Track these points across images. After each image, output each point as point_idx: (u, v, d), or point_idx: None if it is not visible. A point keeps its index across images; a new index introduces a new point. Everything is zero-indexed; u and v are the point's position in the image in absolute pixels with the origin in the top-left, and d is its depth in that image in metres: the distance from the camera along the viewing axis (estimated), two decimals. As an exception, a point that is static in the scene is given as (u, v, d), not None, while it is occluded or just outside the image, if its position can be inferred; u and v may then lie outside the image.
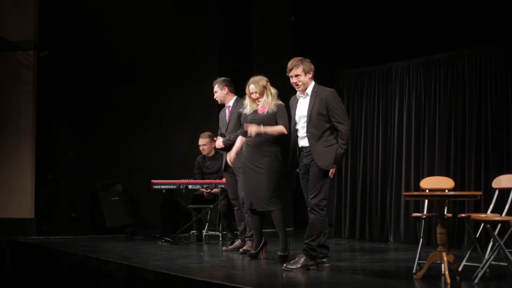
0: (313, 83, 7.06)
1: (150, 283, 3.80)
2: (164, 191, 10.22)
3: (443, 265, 6.12)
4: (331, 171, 6.84)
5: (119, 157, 11.87)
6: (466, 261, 6.60)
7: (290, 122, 7.37)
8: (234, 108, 8.69)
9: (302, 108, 7.02)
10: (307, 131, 6.91)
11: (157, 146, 12.10)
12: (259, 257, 7.78)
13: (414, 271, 6.60)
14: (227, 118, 8.78)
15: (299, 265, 6.67)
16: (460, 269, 6.38)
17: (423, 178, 8.12)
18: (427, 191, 7.10)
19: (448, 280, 5.95)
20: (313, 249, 6.78)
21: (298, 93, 7.07)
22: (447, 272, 6.01)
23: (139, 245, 9.57)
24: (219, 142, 8.73)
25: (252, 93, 7.78)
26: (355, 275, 6.76)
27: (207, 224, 10.53)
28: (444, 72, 9.60)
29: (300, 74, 6.97)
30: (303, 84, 6.98)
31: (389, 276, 6.70)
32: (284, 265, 6.75)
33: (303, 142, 6.97)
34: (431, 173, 9.21)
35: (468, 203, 8.89)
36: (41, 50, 11.19)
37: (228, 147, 8.53)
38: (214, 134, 10.05)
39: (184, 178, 10.29)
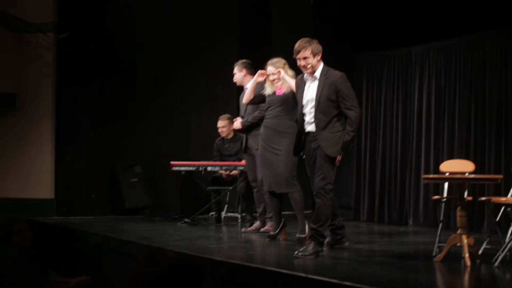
0: (321, 65, 6.76)
1: (171, 263, 3.80)
2: (183, 172, 10.26)
3: (463, 247, 6.11)
4: (338, 159, 6.63)
5: (139, 138, 11.90)
6: (486, 245, 6.59)
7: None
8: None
9: (310, 92, 6.75)
10: (315, 117, 6.67)
11: (176, 128, 12.11)
12: (278, 239, 7.76)
13: (433, 253, 6.58)
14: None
15: (308, 252, 6.40)
16: (480, 252, 6.37)
17: (442, 161, 8.10)
18: (447, 174, 7.08)
19: (468, 263, 5.95)
20: (321, 234, 6.60)
21: (305, 74, 6.80)
22: (467, 255, 6.00)
23: (158, 226, 9.61)
24: (237, 123, 8.73)
25: (270, 75, 7.75)
26: (374, 257, 6.77)
27: (226, 205, 10.56)
28: (464, 56, 9.56)
29: (309, 57, 6.67)
30: (312, 66, 6.69)
31: (408, 258, 6.71)
32: (296, 252, 6.46)
33: (310, 127, 6.73)
34: (450, 157, 9.18)
35: (488, 186, 8.86)
36: (61, 32, 11.21)
37: (246, 128, 8.53)
38: (233, 116, 10.07)
39: (203, 160, 10.32)
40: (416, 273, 5.86)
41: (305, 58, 6.67)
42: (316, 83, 6.70)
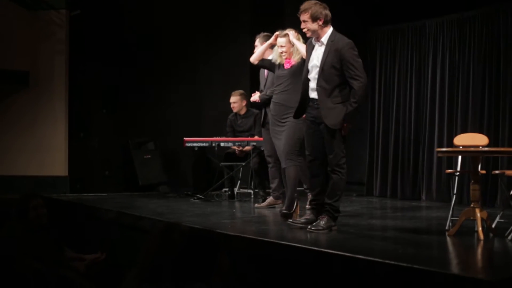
0: (330, 30, 6.46)
1: (185, 237, 3.82)
2: (196, 148, 10.25)
3: (476, 221, 6.10)
4: (344, 130, 6.37)
5: (152, 115, 11.92)
6: (500, 218, 6.57)
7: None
8: None
9: (316, 57, 6.49)
10: (317, 84, 6.44)
11: (189, 104, 12.12)
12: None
13: (446, 227, 6.57)
14: (265, 73, 8.68)
15: (321, 227, 6.34)
16: (493, 226, 6.35)
17: (456, 135, 8.07)
18: (460, 147, 7.05)
19: (481, 237, 5.93)
20: (337, 209, 6.47)
21: (313, 39, 6.54)
22: (480, 229, 5.99)
23: (172, 202, 9.62)
24: (255, 96, 8.64)
25: (279, 46, 7.65)
26: (386, 232, 6.76)
27: (239, 181, 10.56)
28: (478, 29, 9.49)
29: (307, 21, 6.42)
30: (310, 31, 6.44)
31: (421, 232, 6.69)
32: (309, 227, 6.39)
33: (314, 94, 6.48)
34: (464, 130, 9.15)
35: (502, 160, 8.83)
36: (73, 9, 11.21)
37: (264, 102, 8.45)
38: (246, 92, 10.06)
39: (216, 136, 10.32)
40: (429, 247, 5.85)
41: (304, 21, 6.46)
42: (322, 48, 6.45)
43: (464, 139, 7.28)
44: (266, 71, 8.60)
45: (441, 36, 9.98)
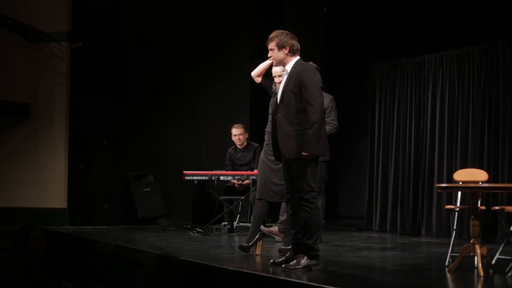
0: (295, 59, 6.30)
1: (183, 272, 3.80)
2: (196, 182, 10.25)
3: (476, 257, 6.08)
4: (306, 158, 5.99)
5: (151, 148, 11.94)
6: (500, 255, 6.55)
7: None
8: None
9: (281, 86, 6.37)
10: (278, 111, 6.24)
11: (189, 137, 12.14)
12: (252, 252, 7.25)
13: (446, 263, 6.56)
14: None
15: (300, 266, 6.05)
16: (493, 262, 6.33)
17: (456, 170, 8.07)
18: (460, 183, 7.05)
19: (481, 273, 5.91)
20: (311, 247, 6.11)
21: (282, 71, 6.42)
22: (480, 265, 5.97)
23: (171, 235, 9.61)
24: None
25: (275, 76, 7.37)
26: (386, 267, 6.74)
27: (238, 215, 10.55)
28: (478, 64, 9.53)
29: (273, 49, 6.30)
30: (276, 60, 6.35)
31: (421, 268, 6.67)
32: (283, 265, 6.14)
33: None
34: (464, 166, 9.14)
35: (502, 196, 8.82)
36: (75, 42, 11.26)
37: None
38: (248, 126, 10.11)
39: (215, 170, 10.32)
40: (429, 282, 5.84)
41: (271, 49, 6.34)
42: (286, 77, 6.32)
43: (463, 175, 7.28)
44: None
45: (441, 72, 10.03)
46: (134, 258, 7.50)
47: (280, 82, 7.11)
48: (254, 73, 7.59)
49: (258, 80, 7.58)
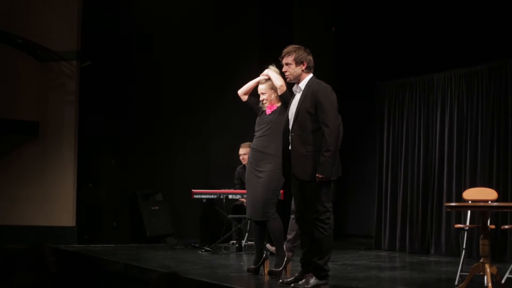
0: (309, 76, 6.24)
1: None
2: (204, 200, 10.26)
3: (485, 277, 6.05)
4: (318, 178, 5.93)
5: (160, 166, 11.95)
6: (509, 274, 6.53)
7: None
8: None
9: (293, 104, 6.24)
10: (292, 130, 6.16)
11: (197, 156, 12.15)
12: (261, 273, 7.17)
13: (456, 282, 6.53)
14: None
15: (309, 285, 6.04)
16: (503, 281, 6.31)
17: (465, 189, 8.04)
18: (469, 202, 7.03)
19: (491, 292, 5.89)
20: (321, 268, 6.08)
21: (294, 86, 6.32)
22: (490, 284, 5.94)
23: (179, 254, 9.60)
24: None
25: (260, 94, 7.23)
26: (395, 286, 6.71)
27: (246, 234, 10.52)
28: (486, 83, 9.52)
29: (291, 63, 6.22)
30: (291, 75, 6.24)
31: (430, 287, 6.64)
32: (292, 285, 6.12)
33: None
34: (473, 185, 9.11)
35: (511, 214, 8.78)
36: (84, 60, 11.31)
37: None
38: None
39: (224, 188, 10.32)
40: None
41: (287, 64, 6.26)
42: (299, 94, 6.23)
43: (473, 194, 7.26)
44: None
45: (449, 90, 10.02)
46: (143, 276, 7.49)
47: (264, 100, 7.17)
48: (241, 91, 7.52)
49: (245, 98, 7.50)
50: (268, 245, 8.14)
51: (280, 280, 6.48)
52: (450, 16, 10.01)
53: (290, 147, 6.22)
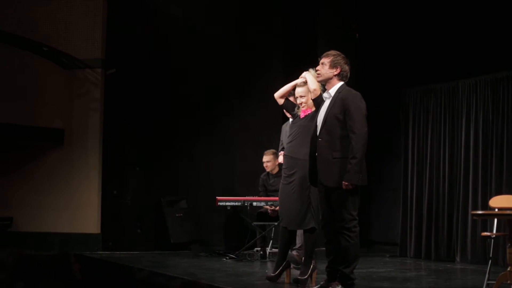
0: (340, 83, 6.27)
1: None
2: (228, 207, 10.27)
3: (513, 286, 6.01)
4: (344, 185, 5.93)
5: (184, 173, 11.97)
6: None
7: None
8: None
9: (322, 110, 6.28)
10: (319, 136, 6.18)
11: (221, 163, 12.16)
12: (281, 281, 7.12)
13: (483, 291, 6.48)
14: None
15: None
16: (531, 290, 6.24)
17: (490, 197, 7.99)
18: (496, 210, 6.96)
19: (519, 302, 5.83)
20: (347, 277, 6.08)
21: (325, 93, 6.32)
22: (517, 293, 5.89)
23: (204, 261, 9.61)
24: (281, 157, 8.49)
25: (297, 97, 7.18)
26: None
27: (271, 241, 10.51)
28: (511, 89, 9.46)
29: (326, 64, 6.26)
30: (322, 75, 6.26)
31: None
32: None
33: None
34: (499, 192, 9.03)
35: (538, 222, 8.69)
36: (109, 68, 11.36)
37: None
38: (278, 151, 10.06)
39: (248, 195, 10.32)
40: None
41: (322, 63, 6.30)
42: (329, 100, 6.26)
43: (500, 201, 7.19)
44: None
45: (474, 96, 9.95)
46: (168, 284, 7.50)
47: (302, 104, 7.11)
48: (277, 94, 7.47)
49: (281, 101, 7.45)
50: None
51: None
52: (475, 22, 9.95)
53: (316, 153, 6.21)
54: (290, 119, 7.59)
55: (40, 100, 11.25)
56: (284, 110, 7.59)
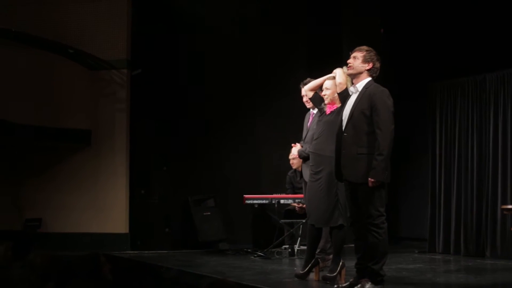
0: (369, 79, 6.24)
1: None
2: (256, 205, 10.26)
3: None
4: (370, 182, 5.92)
5: (211, 172, 11.99)
6: None
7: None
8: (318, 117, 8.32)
9: (349, 104, 6.24)
10: (345, 130, 6.14)
11: (248, 161, 12.16)
12: (310, 279, 7.12)
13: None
14: (308, 125, 8.44)
15: None
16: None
17: (520, 191, 7.91)
18: (526, 204, 6.90)
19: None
20: (377, 273, 6.07)
21: (351, 87, 6.30)
22: (549, 288, 5.83)
23: (232, 259, 9.61)
24: (294, 150, 8.32)
25: (323, 89, 7.17)
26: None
27: (299, 238, 10.49)
28: (540, 82, 9.37)
29: (358, 58, 6.23)
30: (354, 68, 6.22)
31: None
32: None
33: None
34: (528, 186, 8.96)
35: None
36: (134, 69, 11.41)
37: (302, 159, 8.18)
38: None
39: (275, 193, 10.31)
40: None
41: (354, 57, 6.27)
42: (356, 95, 6.23)
43: (529, 196, 7.12)
44: (309, 122, 8.16)
45: (502, 90, 9.86)
46: (197, 283, 7.50)
47: (325, 96, 7.11)
48: (307, 87, 7.55)
49: (310, 94, 7.47)
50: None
51: (335, 286, 6.46)
52: (501, 14, 9.87)
53: (341, 148, 6.19)
54: (312, 110, 7.73)
55: (67, 101, 11.33)
56: (312, 104, 7.61)
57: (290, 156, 10.12)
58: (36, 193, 11.36)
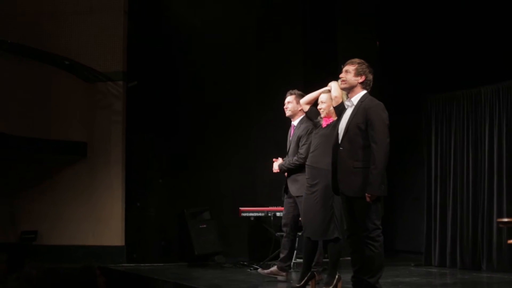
0: (363, 92, 6.26)
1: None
2: (252, 218, 10.24)
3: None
4: (368, 198, 5.92)
5: (206, 184, 11.96)
6: None
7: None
8: (297, 130, 8.26)
9: (344, 118, 6.25)
10: (341, 144, 6.16)
11: (243, 173, 12.14)
12: None
13: (510, 300, 6.41)
14: (290, 137, 8.49)
15: None
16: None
17: (516, 204, 7.91)
18: (522, 217, 6.90)
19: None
20: (373, 286, 6.08)
21: (347, 101, 6.33)
22: (545, 302, 5.83)
23: (228, 272, 9.59)
24: (275, 165, 8.33)
25: (319, 102, 7.25)
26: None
27: (295, 251, 10.47)
28: (536, 95, 9.39)
29: (350, 72, 6.24)
30: (347, 82, 6.23)
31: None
32: None
33: None
34: (524, 199, 8.96)
35: None
36: (130, 81, 11.41)
37: (283, 173, 8.24)
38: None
39: (270, 205, 10.30)
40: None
41: (346, 71, 6.28)
42: (351, 109, 6.23)
43: (525, 209, 7.13)
44: (291, 135, 8.30)
45: (497, 103, 9.87)
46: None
47: (321, 109, 7.18)
48: (303, 100, 7.60)
49: (306, 108, 7.54)
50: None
51: None
52: (497, 28, 9.90)
53: (337, 162, 6.20)
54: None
55: (63, 113, 11.32)
56: (308, 117, 7.66)
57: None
58: (31, 205, 11.34)
